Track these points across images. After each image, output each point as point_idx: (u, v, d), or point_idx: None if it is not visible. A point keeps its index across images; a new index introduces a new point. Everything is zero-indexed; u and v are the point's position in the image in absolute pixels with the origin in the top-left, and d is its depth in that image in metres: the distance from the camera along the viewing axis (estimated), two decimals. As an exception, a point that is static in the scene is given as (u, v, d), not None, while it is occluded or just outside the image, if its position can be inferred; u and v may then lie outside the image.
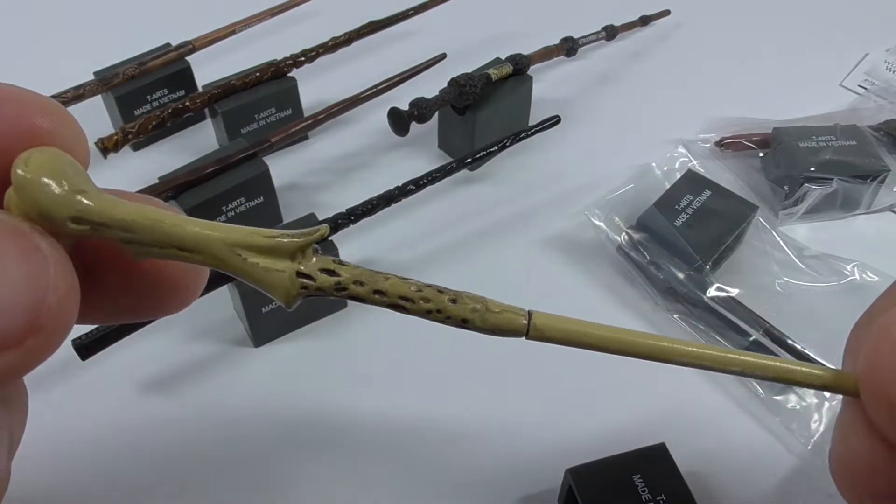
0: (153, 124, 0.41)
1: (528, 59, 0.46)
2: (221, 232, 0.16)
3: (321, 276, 0.16)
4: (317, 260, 0.17)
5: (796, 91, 0.51)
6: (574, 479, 0.28)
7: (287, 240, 0.16)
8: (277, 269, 0.16)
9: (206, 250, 0.16)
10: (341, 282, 0.17)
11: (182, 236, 0.15)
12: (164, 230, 0.15)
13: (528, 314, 0.18)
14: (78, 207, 0.15)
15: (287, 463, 0.32)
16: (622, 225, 0.40)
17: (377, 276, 0.17)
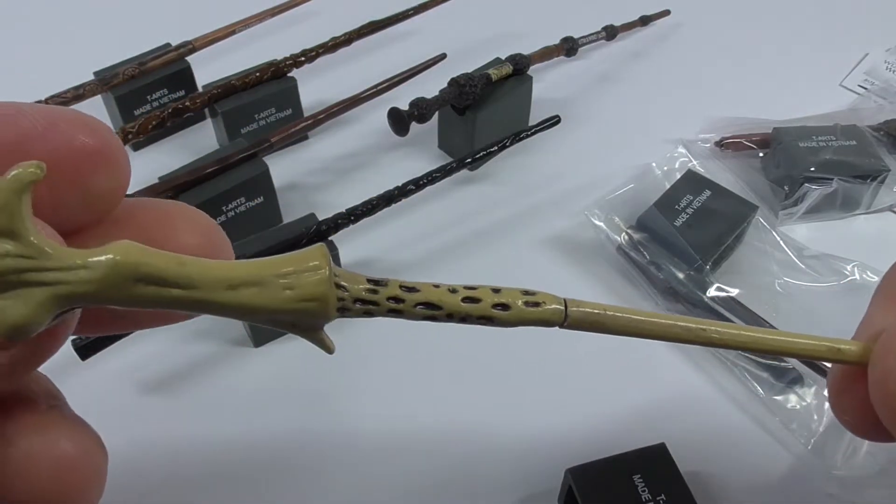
0: (153, 124, 0.41)
1: (528, 59, 0.46)
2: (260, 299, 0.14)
3: (355, 307, 0.15)
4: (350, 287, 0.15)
5: (796, 91, 0.51)
6: (574, 479, 0.28)
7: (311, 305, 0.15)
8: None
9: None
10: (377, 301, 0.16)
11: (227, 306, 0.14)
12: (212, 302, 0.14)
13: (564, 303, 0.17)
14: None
15: (287, 463, 0.32)
16: (622, 225, 0.40)
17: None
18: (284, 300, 0.14)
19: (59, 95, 0.42)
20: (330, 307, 0.15)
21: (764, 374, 0.34)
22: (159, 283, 0.13)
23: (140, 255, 0.13)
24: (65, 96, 0.42)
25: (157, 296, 0.13)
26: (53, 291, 0.13)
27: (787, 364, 0.34)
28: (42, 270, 0.13)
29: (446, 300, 0.16)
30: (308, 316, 0.14)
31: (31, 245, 0.13)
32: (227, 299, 0.14)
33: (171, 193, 0.37)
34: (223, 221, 0.39)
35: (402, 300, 0.16)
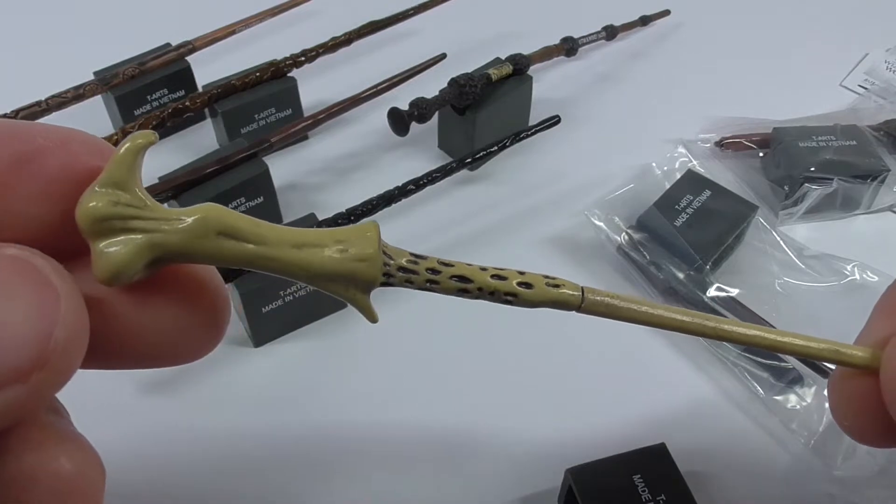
0: (153, 124, 0.41)
1: (528, 59, 0.46)
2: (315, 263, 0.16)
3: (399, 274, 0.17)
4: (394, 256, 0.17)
5: (796, 91, 0.51)
6: (574, 479, 0.28)
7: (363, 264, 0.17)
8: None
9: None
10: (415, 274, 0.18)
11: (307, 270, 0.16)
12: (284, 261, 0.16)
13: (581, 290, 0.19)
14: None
15: (287, 463, 0.32)
16: (622, 225, 0.40)
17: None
18: (340, 259, 0.16)
19: (59, 95, 0.42)
20: (377, 269, 0.17)
21: (764, 374, 0.34)
22: (237, 237, 0.16)
23: (223, 212, 0.16)
24: (65, 96, 0.42)
25: (234, 249, 0.16)
26: (151, 238, 0.15)
27: (787, 364, 0.34)
28: (144, 219, 0.15)
29: (477, 276, 0.18)
30: (358, 275, 0.16)
31: (138, 198, 0.15)
32: (292, 256, 0.16)
33: (170, 193, 0.37)
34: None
35: (438, 272, 0.18)
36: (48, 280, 0.14)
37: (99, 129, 0.43)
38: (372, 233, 0.17)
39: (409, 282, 0.17)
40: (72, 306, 0.14)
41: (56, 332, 0.13)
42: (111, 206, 0.15)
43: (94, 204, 0.15)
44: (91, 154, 0.16)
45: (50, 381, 0.13)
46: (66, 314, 0.14)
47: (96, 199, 0.15)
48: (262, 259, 0.16)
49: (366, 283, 0.17)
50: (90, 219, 0.15)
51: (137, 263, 0.15)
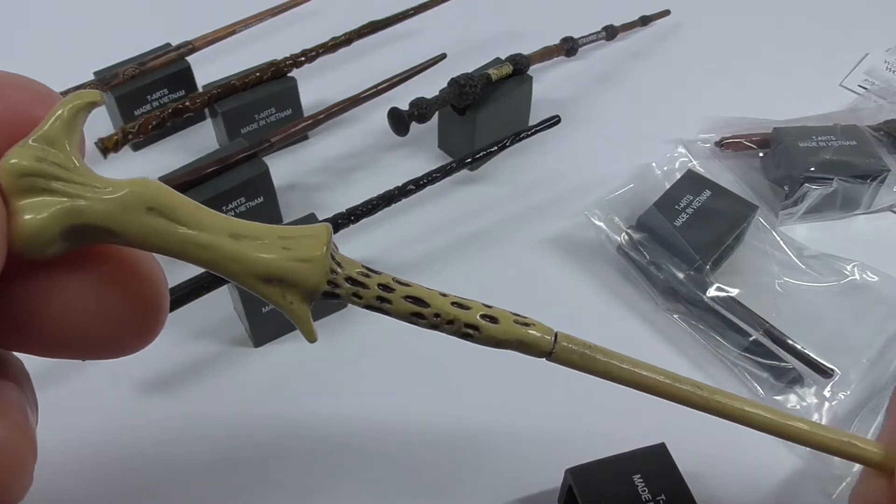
0: (153, 124, 0.41)
1: (528, 59, 0.46)
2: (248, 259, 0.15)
3: (346, 286, 0.16)
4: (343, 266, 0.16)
5: (796, 91, 0.51)
6: (574, 479, 0.28)
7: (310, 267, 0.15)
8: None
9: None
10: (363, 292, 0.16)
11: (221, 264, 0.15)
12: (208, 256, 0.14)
13: (555, 337, 0.17)
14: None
15: (287, 463, 0.32)
16: (622, 225, 0.40)
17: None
18: (280, 257, 0.14)
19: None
20: (321, 274, 0.15)
21: (764, 374, 0.34)
22: (170, 216, 0.14)
23: (160, 187, 0.14)
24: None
25: (164, 229, 0.14)
26: (72, 204, 0.13)
27: (787, 364, 0.34)
28: (70, 182, 0.13)
29: (436, 300, 0.16)
30: (298, 278, 0.15)
31: (69, 159, 0.14)
32: (227, 247, 0.14)
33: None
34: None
35: (391, 289, 0.16)
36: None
37: (99, 129, 0.43)
38: (321, 235, 0.15)
39: (357, 296, 0.16)
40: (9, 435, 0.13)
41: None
42: (35, 162, 0.13)
43: (16, 159, 0.13)
44: (29, 101, 0.14)
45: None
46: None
47: (21, 153, 0.13)
48: (193, 245, 0.14)
49: (306, 290, 0.15)
50: (10, 173, 0.13)
51: (53, 229, 0.13)
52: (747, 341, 0.35)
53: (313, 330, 0.16)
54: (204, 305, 0.33)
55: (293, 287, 0.15)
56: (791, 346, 0.35)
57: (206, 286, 0.32)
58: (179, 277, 0.33)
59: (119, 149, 0.41)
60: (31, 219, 0.13)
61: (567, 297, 0.39)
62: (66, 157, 0.14)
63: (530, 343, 0.17)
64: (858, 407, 0.33)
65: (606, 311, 0.38)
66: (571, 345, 0.17)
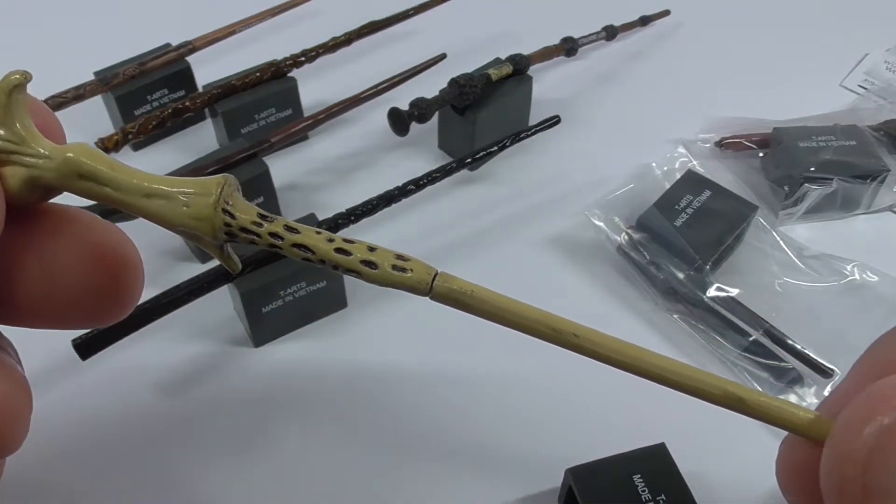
0: (153, 124, 0.41)
1: (528, 59, 0.46)
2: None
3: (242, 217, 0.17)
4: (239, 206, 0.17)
5: (796, 91, 0.51)
6: (574, 479, 0.28)
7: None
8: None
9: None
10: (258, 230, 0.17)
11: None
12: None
13: (434, 274, 0.18)
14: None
15: (287, 463, 0.32)
16: (622, 225, 0.40)
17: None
18: (181, 215, 0.17)
19: (59, 95, 0.42)
20: (216, 229, 0.17)
21: (764, 374, 0.34)
22: (95, 180, 0.17)
23: (84, 156, 0.17)
24: (65, 96, 0.42)
25: (94, 191, 0.17)
26: (29, 172, 0.16)
27: (787, 364, 0.34)
28: (23, 154, 0.17)
29: (320, 246, 0.17)
30: (199, 232, 0.17)
31: (16, 133, 0.17)
32: (142, 205, 0.17)
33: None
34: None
35: (281, 237, 0.17)
36: None
37: (99, 129, 0.43)
38: (212, 191, 0.17)
39: (254, 243, 0.17)
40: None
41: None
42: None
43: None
44: None
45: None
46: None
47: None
48: (121, 203, 0.17)
49: (208, 239, 0.17)
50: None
51: (22, 189, 0.16)
52: (747, 341, 0.35)
53: (230, 263, 0.18)
54: (204, 305, 0.33)
55: (199, 238, 0.17)
56: (791, 346, 0.35)
57: (206, 286, 0.32)
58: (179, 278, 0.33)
59: (119, 149, 0.41)
60: (11, 181, 0.16)
61: (567, 297, 0.39)
62: (16, 133, 0.17)
63: (409, 287, 0.18)
64: (858, 407, 0.33)
65: (606, 310, 0.38)
66: (448, 285, 0.18)
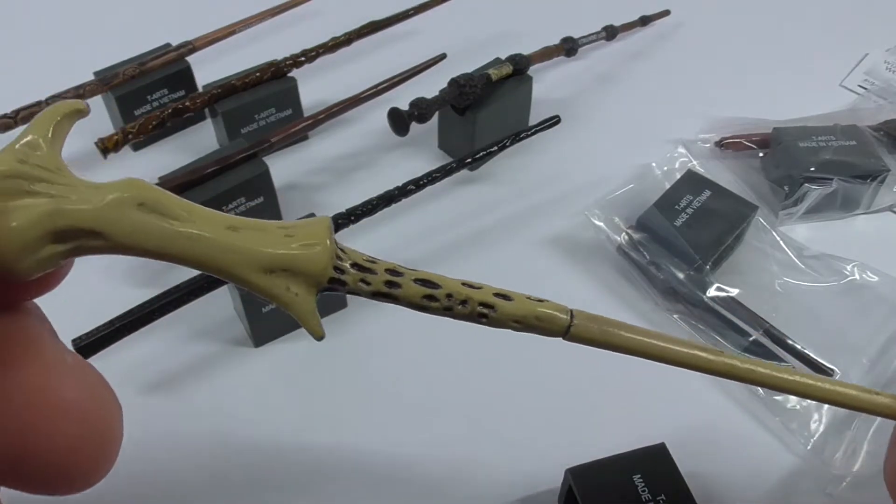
0: (153, 124, 0.41)
1: (528, 59, 0.46)
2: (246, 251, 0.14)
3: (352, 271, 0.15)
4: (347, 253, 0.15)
5: (796, 91, 0.51)
6: (574, 479, 0.28)
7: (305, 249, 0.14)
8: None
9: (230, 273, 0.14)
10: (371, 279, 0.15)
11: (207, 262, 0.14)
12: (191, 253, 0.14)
13: (570, 314, 0.16)
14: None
15: (287, 463, 0.32)
16: (622, 225, 0.40)
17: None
18: (284, 244, 0.14)
19: (59, 95, 0.42)
20: (327, 258, 0.14)
21: (764, 374, 0.34)
22: (162, 211, 0.13)
23: (148, 185, 0.13)
24: (65, 96, 0.42)
25: (154, 225, 0.13)
26: (56, 205, 0.12)
27: (787, 364, 0.34)
28: (53, 184, 0.13)
29: (447, 281, 0.15)
30: (303, 263, 0.14)
31: (52, 162, 0.13)
32: (225, 238, 0.13)
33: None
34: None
35: (400, 273, 0.15)
36: None
37: (99, 129, 0.43)
38: (323, 222, 0.14)
39: (365, 282, 0.15)
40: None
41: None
42: (16, 164, 0.13)
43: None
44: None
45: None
46: None
47: (2, 156, 0.13)
48: (186, 239, 0.13)
49: (312, 277, 0.14)
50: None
51: (36, 231, 0.12)
52: (747, 341, 0.35)
53: (320, 324, 0.15)
54: (204, 305, 0.33)
55: (298, 275, 0.14)
56: (791, 345, 0.35)
57: (206, 286, 0.32)
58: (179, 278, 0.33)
59: (119, 149, 0.41)
60: (8, 224, 0.12)
61: (567, 297, 0.38)
62: (50, 160, 0.13)
63: (546, 319, 0.16)
64: (858, 407, 0.33)
65: (606, 311, 0.38)
66: (590, 322, 0.16)
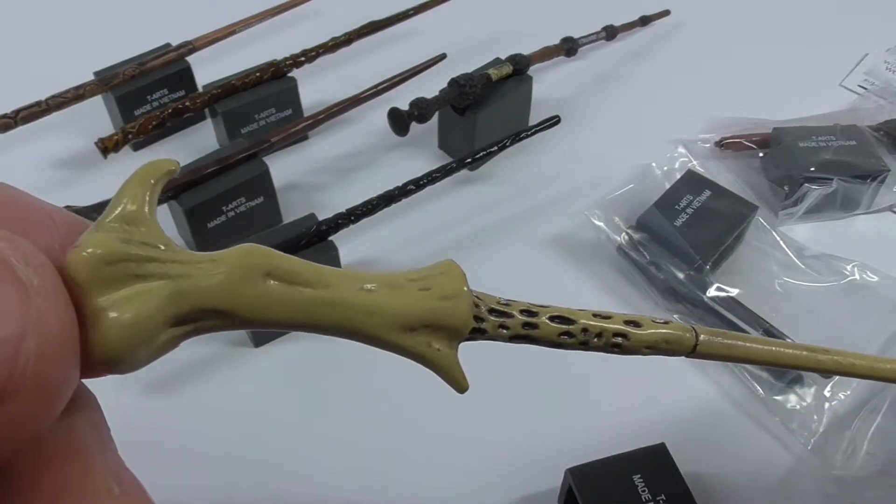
0: (153, 124, 0.41)
1: (528, 59, 0.46)
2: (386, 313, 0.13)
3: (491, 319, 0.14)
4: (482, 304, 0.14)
5: (796, 91, 0.51)
6: (574, 479, 0.28)
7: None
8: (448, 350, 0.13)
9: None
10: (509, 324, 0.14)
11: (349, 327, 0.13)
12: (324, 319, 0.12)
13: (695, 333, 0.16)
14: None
15: (287, 463, 0.32)
16: (622, 225, 0.40)
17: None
18: (421, 298, 0.13)
19: (59, 95, 0.42)
20: (468, 308, 0.13)
21: (764, 373, 0.34)
22: (291, 279, 0.12)
23: (269, 251, 0.12)
24: (65, 96, 0.42)
25: (286, 295, 0.12)
26: (175, 286, 0.11)
27: (787, 364, 0.34)
28: (164, 262, 0.11)
29: (579, 315, 0.15)
30: (445, 317, 0.13)
31: (157, 233, 0.11)
32: (361, 300, 0.12)
33: (171, 193, 0.37)
34: (223, 221, 0.39)
35: (535, 313, 0.14)
36: (13, 273, 0.09)
37: (99, 129, 0.43)
38: (454, 269, 0.14)
39: (504, 327, 0.14)
40: (48, 305, 0.10)
41: (25, 344, 0.09)
42: (122, 245, 0.11)
43: (95, 247, 0.11)
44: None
45: (28, 412, 0.09)
46: (41, 317, 0.09)
47: (100, 239, 0.11)
48: (322, 306, 0.12)
49: (454, 330, 0.13)
50: (94, 263, 0.10)
51: (157, 319, 0.11)
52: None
53: (464, 376, 0.14)
54: (204, 305, 0.33)
55: (440, 330, 0.13)
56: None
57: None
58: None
59: (119, 149, 0.41)
60: (123, 316, 0.11)
61: (567, 298, 0.38)
62: (155, 234, 0.11)
63: (674, 341, 0.16)
64: (858, 407, 0.33)
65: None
66: (713, 337, 0.16)
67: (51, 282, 0.10)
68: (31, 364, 0.09)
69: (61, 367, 0.10)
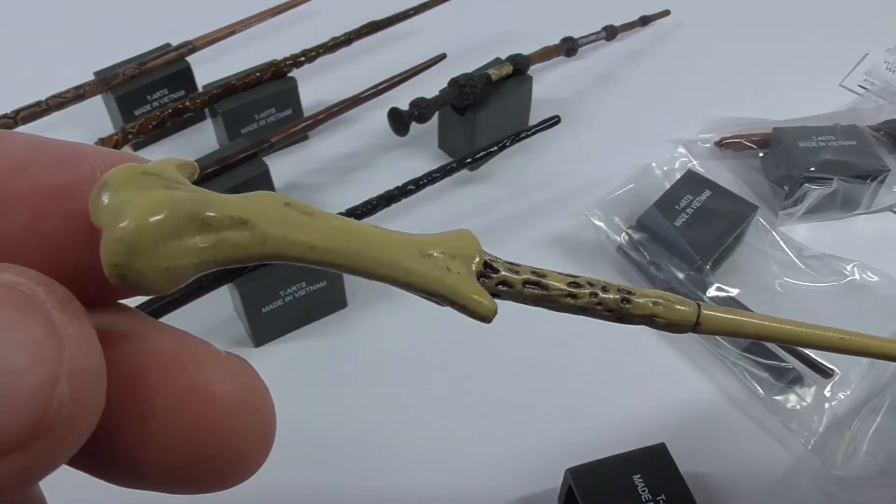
0: (153, 124, 0.41)
1: (528, 59, 0.46)
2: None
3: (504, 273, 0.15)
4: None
5: (796, 91, 0.51)
6: (574, 479, 0.28)
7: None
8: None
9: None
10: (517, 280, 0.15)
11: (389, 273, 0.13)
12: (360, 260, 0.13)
13: (698, 307, 0.16)
14: None
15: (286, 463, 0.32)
16: (622, 225, 0.40)
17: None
18: (431, 237, 0.14)
19: (59, 95, 0.42)
20: (476, 242, 0.14)
21: (764, 374, 0.34)
22: (308, 211, 0.13)
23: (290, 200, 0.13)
24: (65, 96, 0.42)
25: (305, 219, 0.12)
26: (203, 195, 0.11)
27: (786, 364, 0.34)
28: (189, 190, 0.12)
29: (580, 279, 0.15)
30: (459, 242, 0.14)
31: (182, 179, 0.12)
32: (378, 231, 0.13)
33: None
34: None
35: (543, 275, 0.15)
36: (48, 318, 0.10)
37: (99, 129, 0.43)
38: (462, 231, 0.15)
39: (515, 272, 0.15)
40: (81, 352, 0.10)
41: (58, 388, 0.10)
42: (147, 167, 0.12)
43: (132, 166, 0.11)
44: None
45: (55, 448, 0.10)
46: (73, 362, 0.10)
47: (137, 164, 0.12)
48: (340, 231, 0.13)
49: (468, 257, 0.14)
50: (130, 169, 0.11)
51: (179, 213, 0.11)
52: (747, 341, 0.35)
53: (490, 297, 0.14)
54: (204, 305, 0.33)
55: (455, 258, 0.14)
56: (791, 346, 0.35)
57: (205, 286, 0.32)
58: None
59: (119, 149, 0.41)
60: (144, 202, 0.11)
61: (567, 297, 0.39)
62: (180, 178, 0.12)
63: (676, 300, 0.16)
64: (858, 407, 0.33)
65: (606, 311, 0.38)
66: (714, 311, 0.16)
67: (84, 329, 0.11)
68: (65, 408, 0.10)
69: (91, 407, 0.11)
